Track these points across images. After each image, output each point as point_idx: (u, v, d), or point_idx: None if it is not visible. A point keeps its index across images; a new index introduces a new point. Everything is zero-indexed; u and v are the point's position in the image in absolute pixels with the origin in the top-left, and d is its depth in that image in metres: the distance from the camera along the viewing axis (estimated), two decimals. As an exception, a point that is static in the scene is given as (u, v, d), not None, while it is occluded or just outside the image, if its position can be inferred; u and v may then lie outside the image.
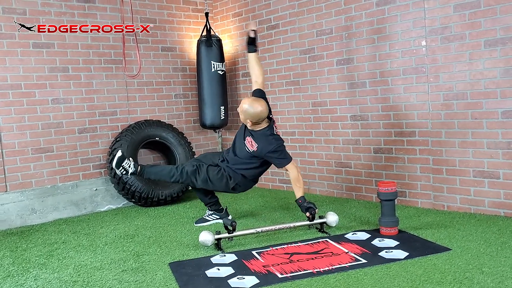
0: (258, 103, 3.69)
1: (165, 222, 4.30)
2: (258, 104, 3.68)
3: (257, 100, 3.72)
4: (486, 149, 3.80)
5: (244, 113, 3.73)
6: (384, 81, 4.36)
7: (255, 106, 3.67)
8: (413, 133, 4.22)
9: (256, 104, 3.68)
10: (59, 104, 4.76)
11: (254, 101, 3.71)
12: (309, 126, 5.02)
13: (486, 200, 3.83)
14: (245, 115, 3.73)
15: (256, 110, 3.67)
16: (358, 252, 3.12)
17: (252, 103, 3.69)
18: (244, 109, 3.71)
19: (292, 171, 3.79)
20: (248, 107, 3.69)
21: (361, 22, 4.47)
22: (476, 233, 3.36)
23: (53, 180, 4.74)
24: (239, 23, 5.66)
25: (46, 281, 2.99)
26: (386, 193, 3.44)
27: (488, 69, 3.73)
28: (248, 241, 3.54)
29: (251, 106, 3.68)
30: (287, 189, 5.37)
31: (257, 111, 3.67)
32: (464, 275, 2.64)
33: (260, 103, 3.70)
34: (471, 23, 3.79)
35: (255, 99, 3.74)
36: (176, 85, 5.62)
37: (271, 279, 2.77)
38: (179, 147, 5.21)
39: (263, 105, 3.70)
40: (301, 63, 5.02)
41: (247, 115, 3.71)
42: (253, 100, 3.72)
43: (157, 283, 2.84)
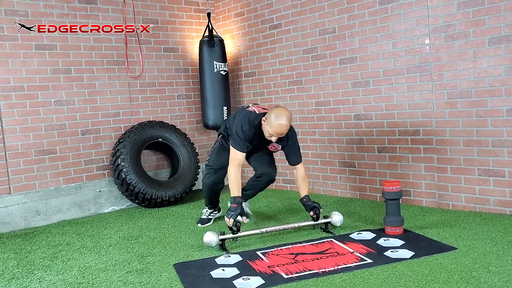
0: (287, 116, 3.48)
1: (169, 223, 4.29)
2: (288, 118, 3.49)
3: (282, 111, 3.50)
4: (491, 148, 3.78)
5: (282, 128, 3.46)
6: (388, 80, 4.35)
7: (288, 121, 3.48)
8: (417, 132, 4.20)
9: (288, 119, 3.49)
10: (62, 106, 4.75)
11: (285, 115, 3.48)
12: (312, 125, 5.00)
13: (492, 199, 3.81)
14: (283, 130, 3.48)
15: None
16: (363, 252, 3.10)
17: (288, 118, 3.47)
18: (285, 125, 3.45)
19: (303, 169, 3.76)
20: (287, 122, 3.45)
21: (364, 21, 4.45)
22: (481, 232, 3.34)
23: (56, 182, 4.73)
24: (241, 23, 5.64)
25: (50, 283, 2.98)
26: (391, 192, 3.42)
27: (493, 67, 3.71)
28: (253, 242, 3.53)
29: (288, 120, 3.46)
30: (290, 189, 5.36)
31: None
32: (470, 274, 2.62)
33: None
34: (475, 21, 3.77)
35: (281, 111, 3.50)
36: (178, 85, 5.61)
37: (277, 279, 2.75)
38: (182, 148, 5.20)
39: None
40: (304, 63, 5.01)
41: (284, 130, 3.49)
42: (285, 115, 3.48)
43: (162, 284, 2.82)
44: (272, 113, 3.46)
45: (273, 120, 3.42)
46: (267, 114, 3.52)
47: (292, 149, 3.71)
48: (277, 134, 3.46)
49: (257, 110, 3.69)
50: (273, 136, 3.49)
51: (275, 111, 3.46)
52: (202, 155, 5.70)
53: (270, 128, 3.45)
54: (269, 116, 3.47)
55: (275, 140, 3.53)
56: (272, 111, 3.49)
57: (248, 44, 5.58)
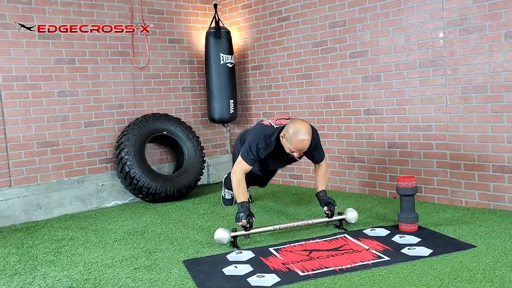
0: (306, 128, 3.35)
1: (175, 218, 4.19)
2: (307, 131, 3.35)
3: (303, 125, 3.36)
4: (506, 144, 3.69)
5: (303, 144, 3.32)
6: (400, 74, 4.25)
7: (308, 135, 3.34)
8: (430, 127, 4.11)
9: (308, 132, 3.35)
10: (65, 97, 4.64)
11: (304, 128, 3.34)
12: (321, 120, 4.90)
13: (506, 196, 3.72)
14: (304, 146, 3.34)
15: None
16: (379, 249, 3.01)
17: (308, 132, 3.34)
18: (307, 140, 3.31)
19: (325, 164, 3.70)
20: (308, 136, 3.31)
21: (376, 14, 4.35)
22: (499, 230, 3.26)
23: (58, 175, 4.62)
24: (248, 15, 5.53)
25: (55, 279, 2.88)
26: (407, 188, 3.33)
27: (509, 62, 3.62)
28: (264, 238, 3.43)
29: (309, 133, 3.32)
30: (298, 184, 5.27)
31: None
32: (494, 273, 2.54)
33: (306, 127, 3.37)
34: (491, 14, 3.68)
35: (299, 125, 3.34)
36: (183, 78, 5.50)
37: (293, 277, 2.66)
38: (188, 142, 5.09)
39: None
40: (313, 56, 4.90)
41: (305, 145, 3.35)
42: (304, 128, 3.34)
43: (172, 281, 2.73)
44: (290, 128, 3.31)
45: (292, 136, 3.28)
46: (284, 129, 3.36)
47: (315, 151, 3.60)
48: (299, 150, 3.33)
49: (274, 122, 3.52)
50: (295, 152, 3.35)
51: (292, 126, 3.30)
52: (207, 149, 5.60)
53: (290, 145, 3.32)
54: (286, 132, 3.32)
55: (297, 156, 3.39)
56: (289, 126, 3.33)
57: (256, 37, 5.47)
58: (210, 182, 5.73)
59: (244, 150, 3.51)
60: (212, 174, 5.75)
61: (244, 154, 3.49)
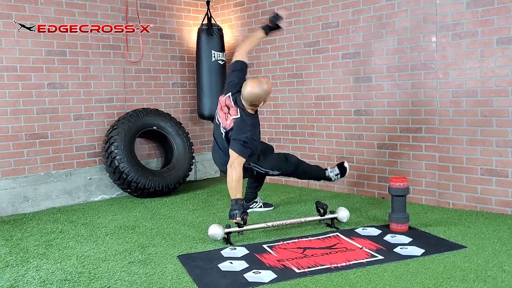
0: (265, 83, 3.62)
1: (165, 213, 4.18)
2: (265, 84, 3.61)
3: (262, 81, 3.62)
4: (495, 147, 3.78)
5: (257, 96, 3.57)
6: (391, 76, 4.31)
7: (264, 87, 3.59)
8: (420, 129, 4.18)
9: (264, 84, 3.60)
10: (55, 89, 4.58)
11: (261, 82, 3.60)
12: (311, 119, 4.94)
13: (493, 199, 3.81)
14: (258, 97, 3.59)
15: (266, 89, 3.61)
16: (372, 248, 3.06)
17: (262, 84, 3.59)
18: (258, 93, 3.56)
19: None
20: (261, 90, 3.56)
21: (370, 16, 4.41)
22: (487, 231, 3.34)
23: (46, 168, 4.56)
24: (240, 13, 5.54)
25: (49, 271, 2.85)
26: (398, 189, 3.39)
27: (500, 67, 3.71)
28: (257, 235, 3.45)
29: (262, 87, 3.57)
30: (285, 182, 5.30)
31: (266, 90, 3.61)
32: (486, 273, 2.60)
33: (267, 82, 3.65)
34: (484, 20, 3.76)
35: (260, 80, 3.62)
36: (174, 73, 5.48)
37: (289, 274, 2.69)
38: (177, 137, 5.08)
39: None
40: (304, 56, 4.94)
41: (258, 97, 3.59)
42: (261, 82, 3.60)
43: (168, 275, 2.73)
44: (243, 89, 3.60)
45: (244, 92, 3.58)
46: (240, 97, 3.66)
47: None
48: (257, 99, 3.61)
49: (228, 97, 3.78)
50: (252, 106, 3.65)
51: (244, 87, 3.60)
52: (195, 146, 5.59)
53: (246, 102, 3.62)
54: (242, 93, 3.60)
55: (247, 105, 3.65)
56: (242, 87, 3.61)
57: (247, 35, 5.47)
58: (197, 179, 5.72)
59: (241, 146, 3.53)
60: (200, 171, 5.75)
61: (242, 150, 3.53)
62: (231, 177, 3.48)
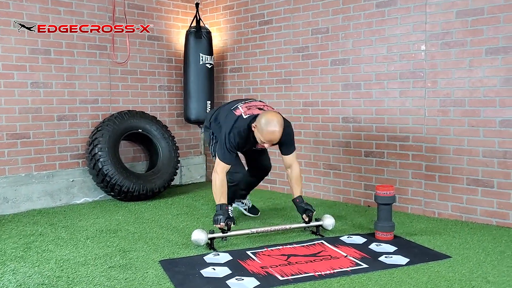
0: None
1: (148, 217, 4.11)
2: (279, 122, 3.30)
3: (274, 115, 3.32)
4: (481, 158, 3.77)
5: (275, 135, 3.26)
6: (380, 83, 4.30)
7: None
8: (407, 138, 4.16)
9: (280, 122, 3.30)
10: (39, 88, 4.49)
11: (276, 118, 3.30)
12: (298, 126, 4.90)
13: (479, 209, 3.80)
14: (275, 137, 3.29)
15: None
16: (357, 257, 3.02)
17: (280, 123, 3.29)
18: (278, 131, 3.26)
19: (297, 168, 3.66)
20: (279, 128, 3.26)
21: (360, 22, 4.39)
22: (472, 241, 3.32)
23: (27, 168, 4.46)
24: (229, 16, 5.50)
25: (26, 275, 2.77)
26: (384, 197, 3.35)
27: (488, 77, 3.71)
28: (241, 241, 3.39)
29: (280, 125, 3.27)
30: (271, 189, 5.26)
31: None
32: (470, 283, 2.57)
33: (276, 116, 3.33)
34: (473, 30, 3.76)
35: (270, 116, 3.29)
36: (161, 76, 5.42)
37: (272, 281, 2.64)
38: (163, 141, 5.01)
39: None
40: (293, 61, 4.91)
41: (277, 137, 3.30)
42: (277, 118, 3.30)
43: (149, 281, 2.66)
44: (261, 119, 3.25)
45: (264, 127, 3.22)
46: (256, 121, 3.30)
47: (285, 142, 3.55)
48: (269, 141, 3.28)
49: (244, 112, 3.46)
50: (265, 143, 3.31)
51: (265, 117, 3.26)
52: (181, 150, 5.52)
53: (261, 136, 3.27)
54: (258, 123, 3.27)
55: (268, 146, 3.38)
56: (261, 117, 3.28)
57: (236, 39, 5.44)
58: (182, 183, 5.66)
59: (220, 151, 3.45)
60: (185, 175, 5.68)
61: (221, 154, 3.43)
62: (214, 182, 3.43)
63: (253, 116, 3.40)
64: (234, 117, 3.47)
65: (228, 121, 3.47)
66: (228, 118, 3.51)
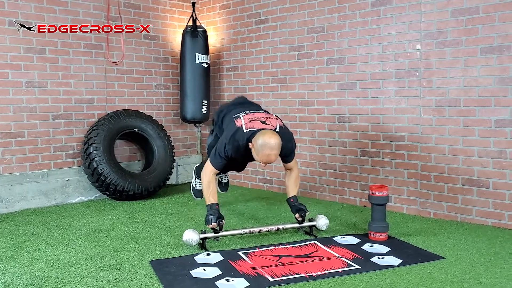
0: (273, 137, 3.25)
1: (142, 217, 4.09)
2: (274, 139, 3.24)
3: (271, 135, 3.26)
4: (477, 157, 3.75)
5: (270, 158, 3.22)
6: (376, 83, 4.27)
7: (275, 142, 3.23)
8: (403, 138, 4.14)
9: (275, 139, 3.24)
10: (34, 88, 4.48)
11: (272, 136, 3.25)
12: (294, 125, 4.88)
13: (474, 209, 3.77)
14: (271, 159, 3.25)
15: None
16: (349, 257, 2.99)
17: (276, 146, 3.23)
18: (274, 155, 3.22)
19: (297, 170, 3.72)
20: (276, 151, 3.22)
21: (355, 22, 4.37)
22: (466, 242, 3.29)
23: (22, 168, 4.45)
24: (226, 15, 5.48)
25: (15, 275, 2.76)
26: (378, 197, 3.33)
27: (483, 77, 3.68)
28: (233, 241, 3.37)
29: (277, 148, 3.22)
30: (267, 188, 5.24)
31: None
32: (462, 285, 2.55)
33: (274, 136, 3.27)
34: (468, 29, 3.73)
35: (267, 138, 3.22)
36: (157, 75, 5.40)
37: (262, 282, 2.62)
38: (158, 140, 4.99)
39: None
40: (289, 60, 4.89)
41: (272, 159, 3.26)
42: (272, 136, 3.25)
43: (138, 282, 2.65)
44: (258, 140, 3.19)
45: (260, 149, 3.17)
46: (254, 140, 3.24)
47: (286, 156, 3.52)
48: (265, 163, 3.25)
49: (245, 124, 3.36)
50: (262, 163, 3.29)
51: (261, 138, 3.19)
52: (177, 149, 5.51)
53: (257, 156, 3.23)
54: (255, 142, 3.21)
55: (264, 166, 3.35)
56: (259, 137, 3.21)
57: (232, 38, 5.42)
58: (178, 182, 5.64)
59: (212, 155, 3.44)
60: (181, 174, 5.67)
61: (213, 159, 3.43)
62: (202, 182, 3.45)
63: (252, 131, 3.31)
64: (234, 127, 3.40)
65: (229, 130, 3.44)
66: (229, 127, 3.46)
